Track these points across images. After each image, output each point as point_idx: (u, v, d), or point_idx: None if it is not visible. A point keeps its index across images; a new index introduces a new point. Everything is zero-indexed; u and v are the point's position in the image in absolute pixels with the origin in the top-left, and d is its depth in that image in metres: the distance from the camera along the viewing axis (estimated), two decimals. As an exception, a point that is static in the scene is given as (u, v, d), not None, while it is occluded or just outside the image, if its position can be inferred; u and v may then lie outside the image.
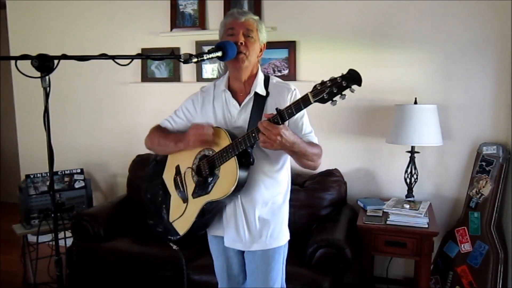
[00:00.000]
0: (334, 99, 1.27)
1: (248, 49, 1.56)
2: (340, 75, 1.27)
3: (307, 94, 1.32)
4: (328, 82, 1.28)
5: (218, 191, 1.54)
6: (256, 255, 1.65)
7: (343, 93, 1.26)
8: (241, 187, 1.53)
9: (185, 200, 1.67)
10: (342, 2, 2.81)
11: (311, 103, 1.31)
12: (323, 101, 1.28)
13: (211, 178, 1.57)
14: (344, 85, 1.25)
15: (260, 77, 1.64)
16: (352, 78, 1.24)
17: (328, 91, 1.26)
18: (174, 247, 1.74)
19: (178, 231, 1.68)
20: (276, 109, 1.37)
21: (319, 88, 1.29)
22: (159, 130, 1.78)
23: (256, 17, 1.62)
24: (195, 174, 1.64)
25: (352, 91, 1.26)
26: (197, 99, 1.74)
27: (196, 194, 1.62)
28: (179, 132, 1.73)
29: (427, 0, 2.65)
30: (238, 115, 1.60)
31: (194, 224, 1.62)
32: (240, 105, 1.61)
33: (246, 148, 1.46)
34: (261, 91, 1.59)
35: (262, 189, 1.60)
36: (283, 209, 1.68)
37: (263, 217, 1.62)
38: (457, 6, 2.61)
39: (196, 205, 1.61)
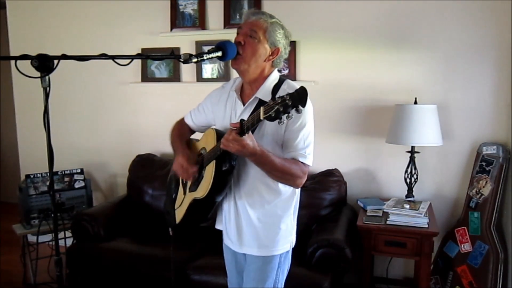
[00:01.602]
0: (281, 117, 1.18)
1: (246, 50, 1.49)
2: (289, 92, 1.19)
3: (259, 109, 1.24)
4: (278, 99, 1.19)
5: (200, 191, 1.56)
6: (248, 257, 1.64)
7: (290, 112, 1.17)
8: (220, 190, 1.53)
9: (184, 192, 1.72)
10: (342, 2, 2.81)
11: (261, 120, 1.24)
12: (270, 119, 1.19)
13: (201, 177, 1.60)
14: (290, 104, 1.16)
15: (270, 81, 1.56)
16: (298, 97, 1.16)
17: (275, 109, 1.18)
18: (170, 232, 1.80)
19: (176, 219, 1.74)
20: (240, 120, 1.32)
21: (270, 104, 1.20)
22: (176, 130, 1.83)
23: (271, 19, 1.53)
24: None
25: (299, 111, 1.18)
26: (215, 95, 1.74)
27: (190, 189, 1.66)
28: (200, 127, 1.81)
29: (427, 1, 2.65)
30: (240, 117, 1.57)
31: (187, 216, 1.65)
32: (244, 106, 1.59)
33: (224, 153, 1.42)
34: (265, 96, 1.52)
35: (255, 195, 1.56)
36: (283, 219, 1.60)
37: (255, 222, 1.58)
38: (457, 7, 2.61)
39: (189, 199, 1.65)
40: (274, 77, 1.58)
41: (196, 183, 1.61)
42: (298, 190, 1.65)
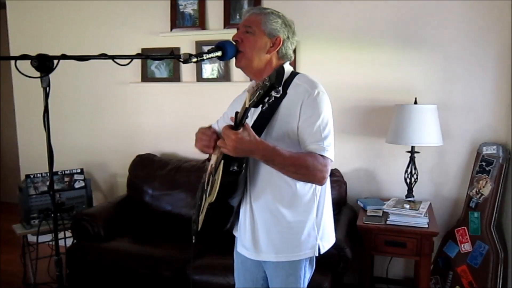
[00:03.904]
0: (264, 101, 1.13)
1: (244, 46, 1.47)
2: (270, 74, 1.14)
3: (246, 97, 1.18)
4: (259, 83, 1.14)
5: (211, 194, 1.50)
6: (267, 264, 1.57)
7: (272, 94, 1.11)
8: (231, 193, 1.46)
9: (205, 198, 1.66)
10: (342, 2, 2.82)
11: (248, 108, 1.18)
12: (255, 104, 1.14)
13: (214, 180, 1.54)
14: (268, 84, 1.10)
15: None
16: (275, 76, 1.09)
17: (257, 94, 1.12)
18: (193, 239, 1.71)
19: (198, 225, 1.65)
20: (236, 112, 1.26)
21: (254, 89, 1.15)
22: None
23: (265, 10, 1.50)
24: (212, 174, 1.61)
25: (278, 92, 1.11)
26: (238, 99, 1.70)
27: (208, 194, 1.60)
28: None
29: (427, 1, 2.65)
30: (252, 115, 1.50)
31: (205, 221, 1.57)
32: None
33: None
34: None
35: (269, 198, 1.48)
36: (302, 224, 1.49)
37: (271, 227, 1.49)
38: (457, 7, 2.61)
39: (206, 204, 1.59)
40: (285, 70, 1.46)
41: (212, 187, 1.54)
42: (319, 193, 1.53)
